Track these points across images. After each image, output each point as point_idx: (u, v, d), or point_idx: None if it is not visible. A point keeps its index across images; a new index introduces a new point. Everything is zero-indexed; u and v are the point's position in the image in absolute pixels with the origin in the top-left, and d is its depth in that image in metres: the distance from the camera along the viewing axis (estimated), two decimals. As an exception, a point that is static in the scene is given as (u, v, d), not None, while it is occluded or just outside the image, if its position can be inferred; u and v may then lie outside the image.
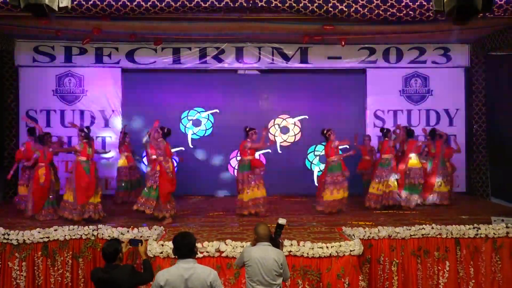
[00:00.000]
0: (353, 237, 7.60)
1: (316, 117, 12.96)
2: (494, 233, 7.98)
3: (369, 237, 7.82)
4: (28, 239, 7.58)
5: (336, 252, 7.05)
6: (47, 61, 12.44)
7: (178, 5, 8.06)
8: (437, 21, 9.01)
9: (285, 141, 13.12)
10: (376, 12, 8.33)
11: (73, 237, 7.80)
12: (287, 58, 12.70)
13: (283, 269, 5.08)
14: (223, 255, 7.08)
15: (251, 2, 8.08)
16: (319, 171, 12.87)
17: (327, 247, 7.08)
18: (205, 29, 10.86)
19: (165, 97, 12.92)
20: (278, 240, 5.28)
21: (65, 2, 3.82)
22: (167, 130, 9.36)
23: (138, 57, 12.56)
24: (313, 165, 13.10)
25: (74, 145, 9.65)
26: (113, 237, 7.69)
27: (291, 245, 7.11)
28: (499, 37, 11.11)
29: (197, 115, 12.99)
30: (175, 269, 4.40)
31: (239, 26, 10.56)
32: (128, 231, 7.84)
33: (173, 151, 9.81)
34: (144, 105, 12.83)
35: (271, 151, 12.60)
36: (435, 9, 3.91)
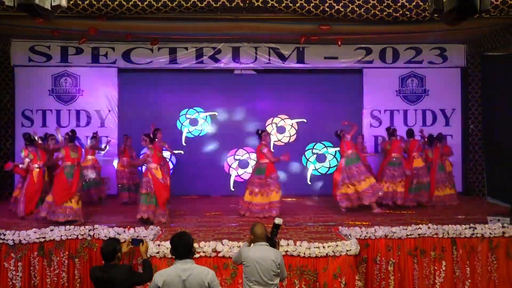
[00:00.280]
0: (349, 237, 7.61)
1: (312, 117, 13.03)
2: (490, 233, 8.01)
3: (365, 236, 7.83)
4: (24, 239, 7.57)
5: (332, 251, 7.06)
6: (43, 61, 12.40)
7: (174, 5, 8.06)
8: (433, 21, 9.02)
9: (280, 140, 13.13)
10: (372, 12, 8.34)
11: (69, 237, 7.80)
12: (283, 58, 12.69)
13: (280, 269, 5.08)
14: (220, 255, 7.08)
15: (247, 2, 8.08)
16: (314, 170, 12.95)
17: (324, 247, 7.09)
18: (201, 29, 10.84)
19: (161, 97, 12.93)
20: (274, 239, 5.28)
21: (57, 0, 3.79)
22: (153, 135, 9.42)
23: (134, 57, 12.53)
24: (309, 162, 13.13)
25: (58, 153, 9.62)
26: (110, 237, 7.68)
27: (288, 245, 7.12)
28: (495, 37, 11.13)
29: (196, 114, 12.99)
30: (172, 270, 4.39)
31: (236, 26, 10.54)
32: (124, 231, 7.83)
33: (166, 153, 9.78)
34: (140, 105, 12.83)
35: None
36: (434, 7, 3.90)
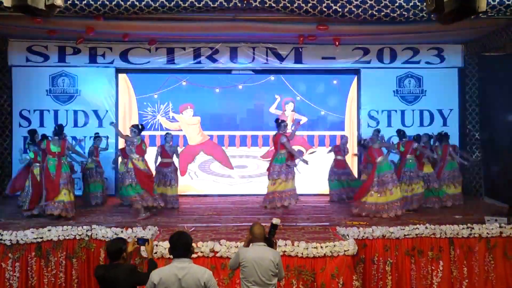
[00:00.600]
0: (347, 237, 7.62)
1: (310, 117, 13.05)
2: (487, 233, 8.02)
3: (363, 237, 7.84)
4: (21, 239, 7.56)
5: (330, 252, 7.07)
6: (40, 61, 12.38)
7: (172, 5, 8.05)
8: (431, 22, 9.02)
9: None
10: (370, 12, 8.35)
11: (67, 238, 7.78)
12: (281, 58, 12.70)
13: (278, 269, 5.08)
14: (218, 255, 7.07)
15: (245, 2, 8.08)
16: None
17: (322, 247, 7.09)
18: (199, 29, 10.84)
19: (159, 97, 12.93)
20: (272, 240, 5.29)
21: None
22: (141, 126, 9.62)
23: (132, 57, 12.53)
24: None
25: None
26: (107, 237, 7.69)
27: (286, 245, 7.12)
28: (492, 38, 11.14)
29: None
30: (169, 268, 4.38)
31: (233, 26, 10.54)
32: (122, 231, 7.82)
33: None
34: (138, 105, 12.84)
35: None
36: (434, 7, 3.89)
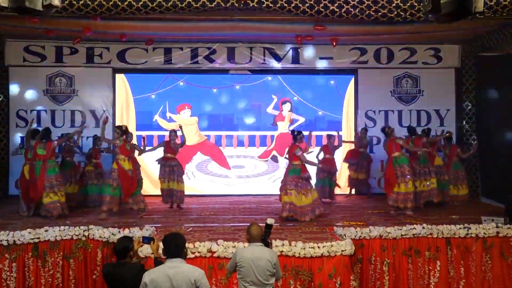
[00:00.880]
0: (344, 237, 7.62)
1: (307, 118, 13.11)
2: (484, 233, 8.02)
3: (360, 237, 7.84)
4: (18, 239, 7.53)
5: (327, 252, 7.06)
6: (37, 61, 12.36)
7: (169, 5, 8.04)
8: (428, 22, 9.03)
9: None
10: (367, 12, 8.34)
11: (64, 238, 7.76)
12: (278, 58, 12.71)
13: (276, 268, 5.08)
14: (215, 255, 7.07)
15: (242, 2, 8.07)
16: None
17: (319, 247, 7.09)
18: (196, 29, 10.84)
19: (157, 97, 12.93)
20: (267, 240, 5.29)
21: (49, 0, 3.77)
22: (125, 128, 9.63)
23: (129, 57, 12.52)
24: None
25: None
26: (104, 237, 7.70)
27: (283, 245, 7.11)
28: (489, 38, 11.17)
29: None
30: (161, 268, 4.37)
31: (231, 26, 10.55)
32: (119, 232, 7.81)
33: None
34: (135, 105, 12.84)
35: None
36: (431, 8, 3.90)
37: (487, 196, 11.83)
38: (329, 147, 11.84)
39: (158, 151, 11.10)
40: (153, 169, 12.13)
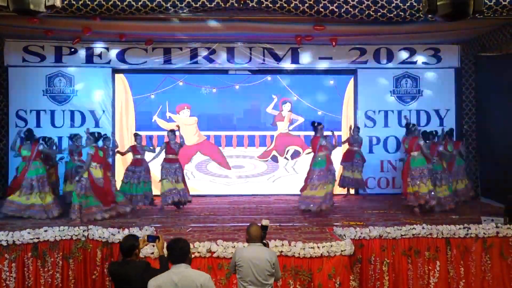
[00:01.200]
0: (344, 237, 7.62)
1: (306, 118, 13.07)
2: (484, 233, 8.02)
3: (360, 237, 7.83)
4: (18, 240, 7.53)
5: (327, 252, 7.06)
6: (37, 61, 12.35)
7: (168, 5, 8.03)
8: (427, 22, 9.04)
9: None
10: (366, 12, 8.34)
11: (64, 238, 7.76)
12: (278, 58, 12.71)
13: (275, 269, 5.08)
14: (214, 255, 7.06)
15: (242, 2, 8.07)
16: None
17: (318, 247, 7.08)
18: (196, 29, 10.84)
19: (156, 97, 12.94)
20: (263, 241, 5.28)
21: (51, 0, 3.78)
22: (97, 134, 9.50)
23: (128, 57, 12.52)
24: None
25: None
26: (104, 237, 7.70)
27: (282, 245, 7.11)
28: (489, 38, 11.17)
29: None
30: (166, 274, 4.33)
31: (230, 26, 10.55)
32: (118, 232, 7.80)
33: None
34: (135, 105, 12.84)
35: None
36: (428, 8, 3.92)
37: (487, 196, 11.82)
38: (328, 148, 11.74)
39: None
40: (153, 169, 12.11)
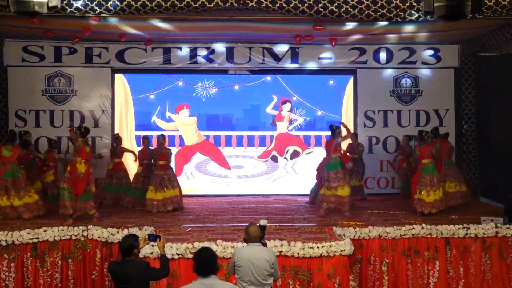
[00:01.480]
0: (343, 237, 7.61)
1: (306, 118, 13.12)
2: (483, 233, 8.02)
3: (359, 237, 7.83)
4: (17, 240, 7.53)
5: (326, 252, 7.05)
6: (36, 61, 12.33)
7: (168, 5, 8.02)
8: (427, 22, 9.04)
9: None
10: (366, 12, 8.33)
11: (63, 238, 7.76)
12: (277, 58, 12.69)
13: (274, 268, 5.07)
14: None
15: (241, 2, 8.06)
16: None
17: (318, 247, 7.07)
18: (195, 29, 10.83)
19: (156, 97, 12.94)
20: (261, 241, 5.28)
21: (54, 1, 3.79)
22: (84, 129, 9.40)
23: (128, 57, 12.50)
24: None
25: None
26: (103, 237, 7.70)
27: (282, 245, 7.11)
28: (488, 38, 11.16)
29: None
30: (194, 286, 4.22)
31: (230, 26, 10.53)
32: (118, 232, 7.80)
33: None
34: (134, 105, 12.84)
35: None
36: (425, 10, 3.94)
37: (486, 196, 11.83)
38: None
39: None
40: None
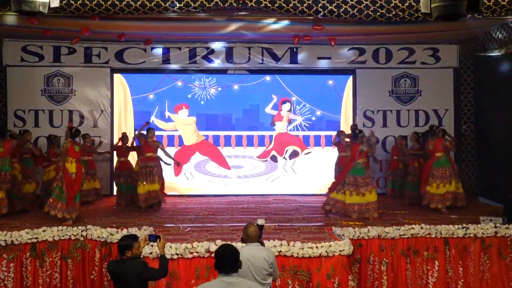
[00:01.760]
0: (343, 237, 7.61)
1: (305, 117, 13.12)
2: (482, 233, 8.02)
3: (358, 237, 7.83)
4: (16, 240, 7.52)
5: (326, 252, 7.05)
6: (35, 61, 12.34)
7: (167, 4, 8.03)
8: (426, 22, 9.04)
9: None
10: (365, 12, 8.33)
11: (62, 238, 7.75)
12: (276, 58, 12.71)
13: (273, 268, 5.06)
14: (213, 255, 7.04)
15: (240, 2, 8.06)
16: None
17: (317, 247, 7.07)
18: (194, 29, 10.83)
19: (155, 97, 12.95)
20: (259, 241, 5.27)
21: (55, 2, 3.81)
22: (74, 130, 9.39)
23: (127, 57, 12.51)
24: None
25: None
26: (102, 237, 7.70)
27: (281, 245, 7.10)
28: (487, 38, 11.16)
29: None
30: (217, 284, 4.11)
31: (229, 26, 10.53)
32: (117, 232, 7.79)
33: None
34: (133, 105, 12.86)
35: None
36: (423, 11, 3.96)
37: (485, 196, 11.84)
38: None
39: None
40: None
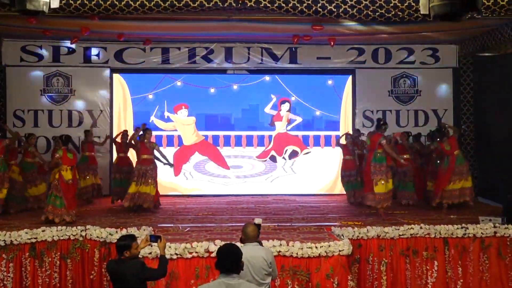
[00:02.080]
0: (342, 237, 7.60)
1: (305, 117, 13.13)
2: (482, 233, 8.01)
3: (358, 237, 7.82)
4: (15, 240, 7.51)
5: (325, 252, 7.05)
6: (34, 61, 12.35)
7: (167, 4, 8.03)
8: (425, 22, 9.04)
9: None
10: (365, 12, 8.34)
11: (61, 238, 7.74)
12: (276, 58, 12.72)
13: (272, 267, 5.06)
14: (212, 255, 7.04)
15: (240, 2, 8.07)
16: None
17: (316, 247, 7.07)
18: (194, 29, 10.83)
19: (154, 97, 12.95)
20: (257, 240, 5.28)
21: (55, 3, 3.81)
22: (65, 137, 9.38)
23: (126, 57, 12.51)
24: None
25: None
26: (102, 237, 7.69)
27: (280, 245, 7.10)
28: (487, 38, 11.17)
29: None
30: (217, 285, 4.05)
31: (228, 26, 10.53)
32: (116, 232, 7.79)
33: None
34: (133, 105, 12.86)
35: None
36: (422, 13, 3.96)
37: (485, 196, 11.84)
38: (348, 148, 11.34)
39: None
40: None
